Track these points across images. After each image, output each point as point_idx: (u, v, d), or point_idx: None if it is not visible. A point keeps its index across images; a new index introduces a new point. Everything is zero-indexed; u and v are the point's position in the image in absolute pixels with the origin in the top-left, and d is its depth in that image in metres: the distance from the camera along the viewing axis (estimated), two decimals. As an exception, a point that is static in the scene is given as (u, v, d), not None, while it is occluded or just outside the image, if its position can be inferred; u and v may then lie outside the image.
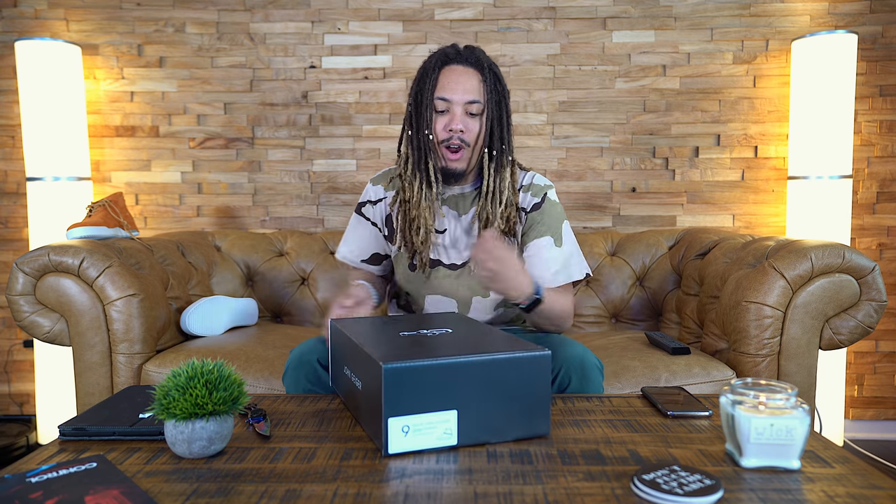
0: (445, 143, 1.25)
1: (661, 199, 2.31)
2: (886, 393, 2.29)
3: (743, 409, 0.77)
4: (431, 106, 1.24)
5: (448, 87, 1.24)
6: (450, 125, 1.23)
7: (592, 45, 2.28)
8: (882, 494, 0.71)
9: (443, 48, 1.29)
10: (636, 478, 0.71)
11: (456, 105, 1.24)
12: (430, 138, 1.25)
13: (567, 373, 1.14)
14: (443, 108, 1.24)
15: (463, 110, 1.24)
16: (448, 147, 1.25)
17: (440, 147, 1.26)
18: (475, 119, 1.25)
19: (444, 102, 1.24)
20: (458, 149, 1.25)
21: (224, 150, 2.34)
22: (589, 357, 1.16)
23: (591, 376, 1.15)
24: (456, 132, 1.24)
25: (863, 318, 1.49)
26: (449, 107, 1.24)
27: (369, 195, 1.41)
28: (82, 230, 1.71)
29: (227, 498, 0.70)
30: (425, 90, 1.25)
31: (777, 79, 2.25)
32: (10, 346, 2.38)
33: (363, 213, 1.41)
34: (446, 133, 1.24)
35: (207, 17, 2.30)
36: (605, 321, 2.06)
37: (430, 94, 1.24)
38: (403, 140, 1.31)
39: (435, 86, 1.24)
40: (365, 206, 1.41)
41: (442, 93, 1.24)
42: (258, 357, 1.56)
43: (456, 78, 1.24)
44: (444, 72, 1.25)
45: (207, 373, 0.81)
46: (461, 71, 1.25)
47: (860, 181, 2.26)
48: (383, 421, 0.80)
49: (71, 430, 0.89)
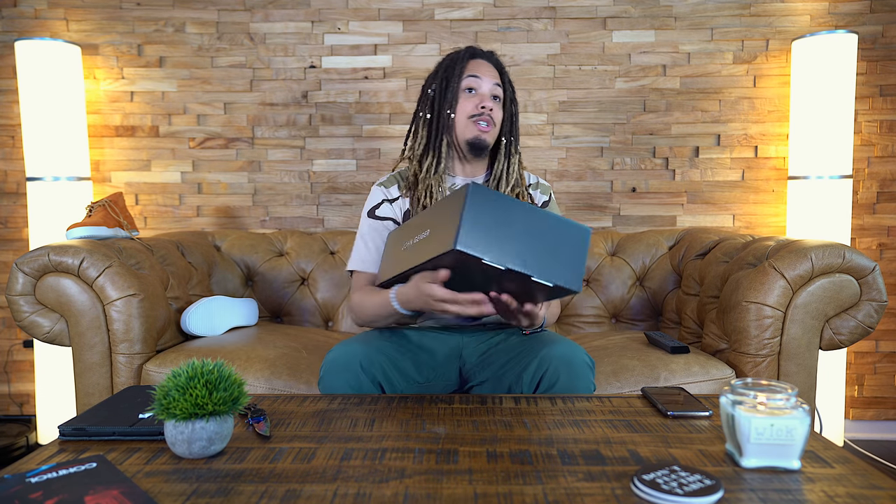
0: (475, 118, 1.35)
1: (661, 199, 2.31)
2: (886, 393, 2.29)
3: (743, 409, 0.77)
4: (458, 86, 1.36)
5: (478, 69, 1.37)
6: (480, 103, 1.35)
7: (592, 45, 2.28)
8: (882, 494, 0.71)
9: (469, 46, 1.42)
10: (636, 478, 0.71)
11: (485, 85, 1.36)
12: (451, 118, 1.36)
13: (556, 370, 1.14)
14: (473, 85, 1.36)
15: (490, 93, 1.37)
16: (478, 121, 1.35)
17: (469, 121, 1.36)
18: (497, 104, 1.38)
19: (475, 80, 1.36)
20: (488, 124, 1.36)
21: (224, 150, 2.34)
22: (578, 354, 1.16)
23: (581, 373, 1.15)
24: (486, 109, 1.35)
25: (863, 319, 1.49)
26: (479, 86, 1.36)
27: (382, 195, 1.42)
28: (82, 230, 1.71)
29: (227, 498, 0.70)
30: (454, 74, 1.36)
31: (777, 79, 2.25)
32: (10, 346, 2.38)
33: (377, 215, 1.40)
34: (478, 109, 1.35)
35: (207, 17, 2.30)
36: (605, 321, 2.06)
37: (458, 78, 1.36)
38: (419, 125, 1.41)
39: (464, 71, 1.37)
40: (380, 206, 1.40)
41: (473, 72, 1.36)
42: (258, 357, 1.56)
43: (484, 66, 1.38)
44: (472, 62, 1.39)
45: (207, 373, 0.81)
46: (486, 64, 1.39)
47: (860, 181, 2.26)
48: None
49: (71, 430, 0.89)
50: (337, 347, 1.19)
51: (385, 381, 1.18)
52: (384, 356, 1.19)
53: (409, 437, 0.89)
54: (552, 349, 1.16)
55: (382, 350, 1.20)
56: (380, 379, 1.17)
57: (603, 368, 1.50)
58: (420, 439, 0.88)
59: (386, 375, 1.18)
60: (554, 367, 1.14)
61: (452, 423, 0.95)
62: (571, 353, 1.15)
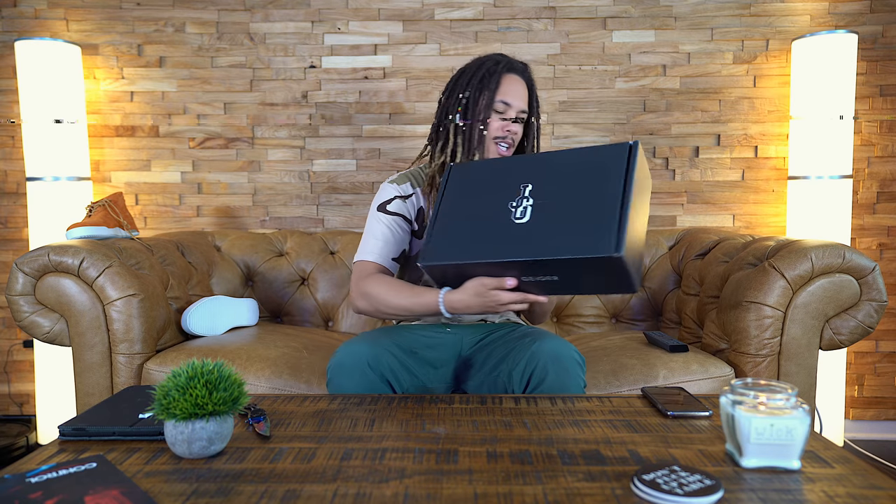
0: (499, 140, 1.38)
1: (661, 199, 2.31)
2: (887, 393, 2.29)
3: (743, 409, 0.77)
4: (492, 105, 1.36)
5: (510, 93, 1.37)
6: (508, 126, 1.37)
7: (592, 45, 2.28)
8: (882, 495, 0.71)
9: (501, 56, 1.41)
10: (636, 478, 0.71)
11: (513, 110, 1.37)
12: (483, 134, 1.37)
13: (544, 365, 1.14)
14: (502, 109, 1.37)
15: (517, 116, 1.38)
16: (499, 144, 1.38)
17: (492, 142, 1.38)
18: (519, 125, 1.39)
19: (504, 106, 1.36)
20: (508, 147, 1.39)
21: (224, 150, 2.34)
22: (567, 350, 1.16)
23: (570, 369, 1.15)
24: (512, 133, 1.37)
25: (863, 319, 1.49)
26: (507, 110, 1.37)
27: (395, 192, 1.40)
28: (82, 230, 1.71)
29: (226, 498, 0.70)
30: (487, 89, 1.36)
31: (777, 79, 2.25)
32: (10, 346, 2.38)
33: (388, 209, 1.39)
34: (503, 132, 1.37)
35: (207, 16, 2.30)
36: (605, 321, 2.06)
37: (491, 95, 1.36)
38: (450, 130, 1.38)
39: (497, 88, 1.36)
40: (391, 202, 1.39)
41: (505, 97, 1.36)
42: (258, 357, 1.56)
43: (516, 87, 1.38)
44: (506, 77, 1.38)
45: (207, 373, 0.81)
46: (519, 81, 1.39)
47: (860, 181, 2.26)
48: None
49: (71, 430, 0.89)
50: (341, 349, 1.19)
51: (393, 379, 1.19)
52: (390, 353, 1.20)
53: (409, 437, 0.89)
54: (541, 345, 1.17)
55: (388, 347, 1.21)
56: (388, 376, 1.18)
57: (602, 368, 1.50)
58: (420, 439, 0.88)
59: (394, 372, 1.19)
60: (543, 364, 1.14)
61: (452, 423, 0.95)
62: (560, 350, 1.16)
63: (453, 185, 1.17)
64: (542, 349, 1.16)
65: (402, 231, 1.39)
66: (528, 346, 1.18)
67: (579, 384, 1.16)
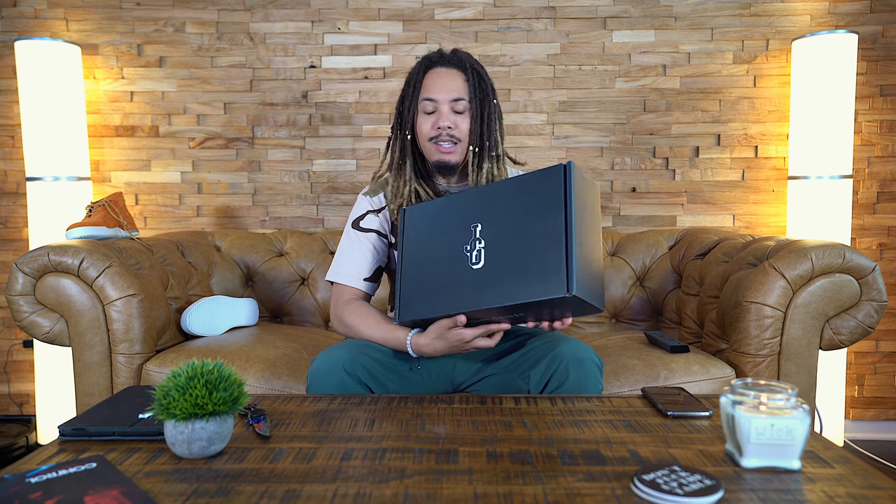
0: (435, 140, 1.30)
1: (661, 199, 2.31)
2: (887, 393, 2.29)
3: (743, 409, 0.77)
4: (415, 109, 1.31)
5: (433, 87, 1.29)
6: (437, 123, 1.29)
7: (592, 45, 2.28)
8: (882, 495, 0.71)
9: (427, 54, 1.35)
10: (636, 478, 0.71)
11: (442, 104, 1.29)
12: (408, 139, 1.32)
13: (565, 367, 1.15)
14: (431, 108, 1.30)
15: (450, 108, 1.29)
16: (438, 143, 1.30)
17: (430, 144, 1.31)
18: (463, 116, 1.30)
19: (430, 103, 1.29)
20: (451, 143, 1.30)
21: (224, 150, 2.34)
22: (589, 353, 1.17)
23: (590, 371, 1.16)
24: (444, 129, 1.29)
25: (863, 319, 1.49)
26: (436, 106, 1.29)
27: (368, 206, 1.40)
28: (82, 230, 1.71)
29: (226, 498, 0.70)
30: (409, 95, 1.32)
31: (777, 79, 2.25)
32: (10, 347, 2.38)
33: (361, 226, 1.37)
34: (435, 131, 1.30)
35: (207, 16, 2.30)
36: (606, 321, 2.06)
37: (414, 97, 1.31)
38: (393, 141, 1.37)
39: (419, 88, 1.31)
40: (364, 217, 1.38)
41: (427, 94, 1.29)
42: (258, 357, 1.56)
43: (441, 80, 1.30)
44: (428, 75, 1.31)
45: (207, 373, 0.81)
46: (444, 72, 1.30)
47: (860, 181, 2.26)
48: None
49: (71, 430, 0.89)
50: (321, 355, 1.19)
51: (371, 381, 1.18)
52: (368, 357, 1.19)
53: (409, 437, 0.89)
54: (563, 348, 1.17)
55: (366, 351, 1.20)
56: (365, 380, 1.17)
57: (604, 368, 1.50)
58: (420, 439, 0.88)
59: (372, 375, 1.18)
60: (564, 366, 1.15)
61: (452, 423, 0.94)
62: (582, 353, 1.17)
63: (410, 229, 1.20)
64: (565, 351, 1.16)
65: (375, 249, 1.37)
66: (547, 349, 1.19)
67: (598, 387, 1.17)
